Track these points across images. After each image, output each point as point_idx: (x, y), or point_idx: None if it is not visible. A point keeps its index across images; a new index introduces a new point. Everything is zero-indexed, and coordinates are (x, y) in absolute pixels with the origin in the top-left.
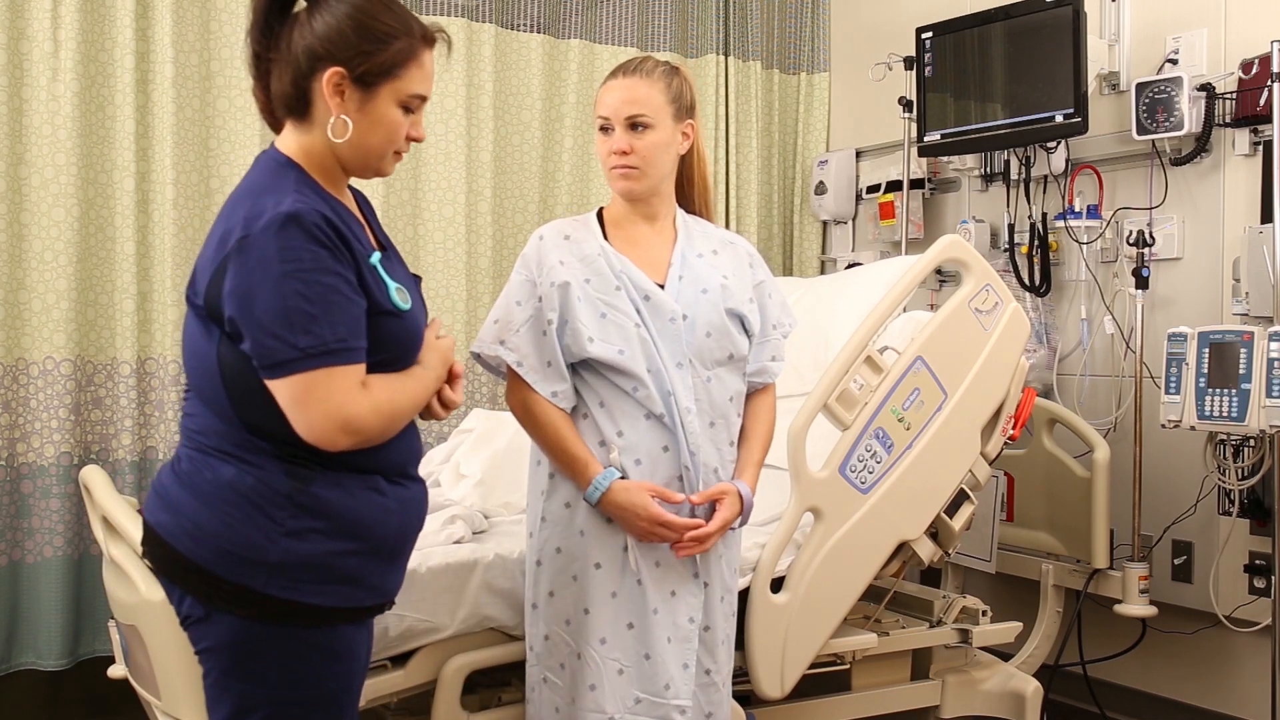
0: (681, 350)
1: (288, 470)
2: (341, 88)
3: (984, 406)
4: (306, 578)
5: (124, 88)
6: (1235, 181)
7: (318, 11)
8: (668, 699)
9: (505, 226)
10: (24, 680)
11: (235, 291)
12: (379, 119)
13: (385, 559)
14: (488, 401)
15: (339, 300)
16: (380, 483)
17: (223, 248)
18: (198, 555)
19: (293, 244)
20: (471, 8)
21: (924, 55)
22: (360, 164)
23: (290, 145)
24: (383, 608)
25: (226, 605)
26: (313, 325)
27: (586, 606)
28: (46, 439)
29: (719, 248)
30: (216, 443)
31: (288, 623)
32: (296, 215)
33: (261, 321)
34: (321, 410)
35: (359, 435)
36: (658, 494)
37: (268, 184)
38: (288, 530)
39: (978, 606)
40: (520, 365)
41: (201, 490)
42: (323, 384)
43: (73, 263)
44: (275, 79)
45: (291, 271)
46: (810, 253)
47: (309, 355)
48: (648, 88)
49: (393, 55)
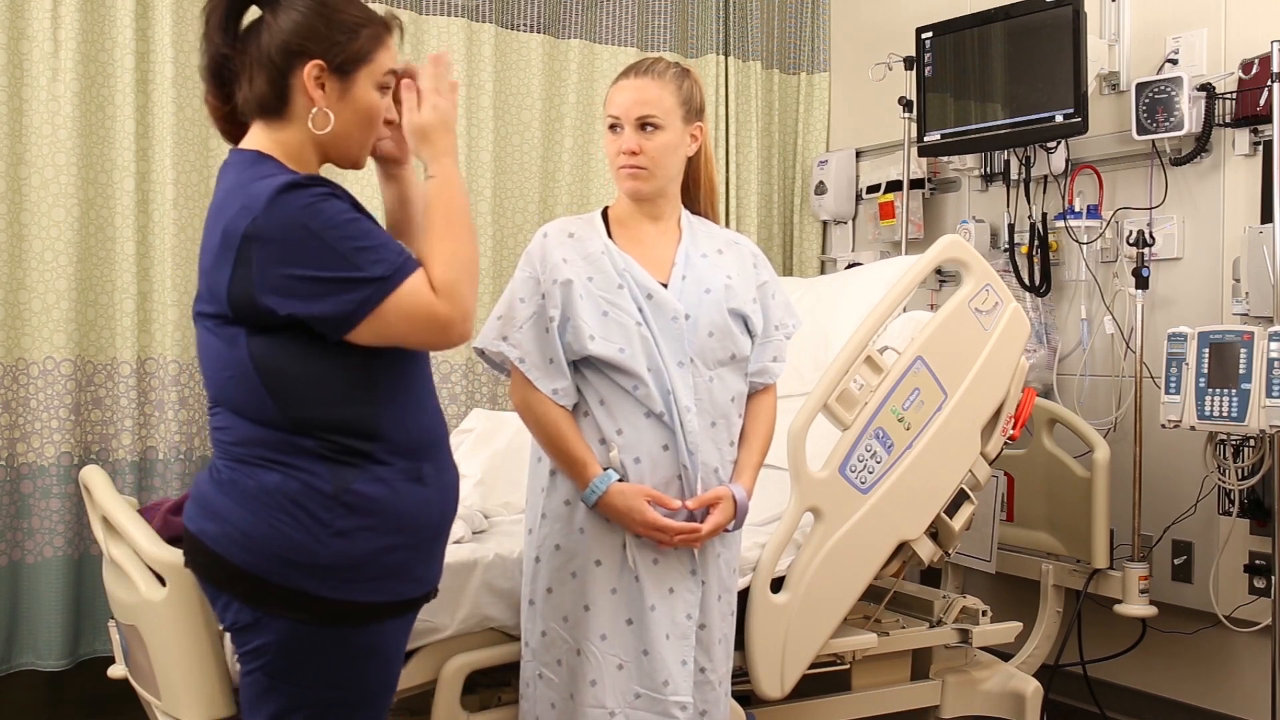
0: (683, 349)
1: (331, 470)
2: (322, 80)
3: (984, 406)
4: (357, 576)
5: (124, 88)
6: (1235, 181)
7: (280, 11)
8: (666, 695)
9: (505, 226)
10: (24, 680)
11: (274, 274)
12: (359, 104)
13: (427, 548)
14: (488, 401)
15: (372, 227)
16: (421, 468)
17: (229, 246)
18: (248, 563)
19: (308, 203)
20: (471, 8)
21: (924, 55)
22: (340, 153)
23: (261, 143)
24: (428, 597)
25: (278, 609)
26: (375, 255)
27: (587, 603)
28: (46, 439)
29: (724, 247)
30: (257, 452)
31: (338, 623)
32: (294, 181)
33: (327, 278)
34: (423, 319)
35: (467, 318)
36: (654, 499)
37: (250, 175)
38: (337, 530)
39: (978, 606)
40: (522, 361)
41: (246, 498)
42: (409, 296)
43: (73, 263)
44: (245, 83)
45: (324, 225)
46: (810, 253)
47: (386, 279)
48: (659, 89)
49: (365, 41)
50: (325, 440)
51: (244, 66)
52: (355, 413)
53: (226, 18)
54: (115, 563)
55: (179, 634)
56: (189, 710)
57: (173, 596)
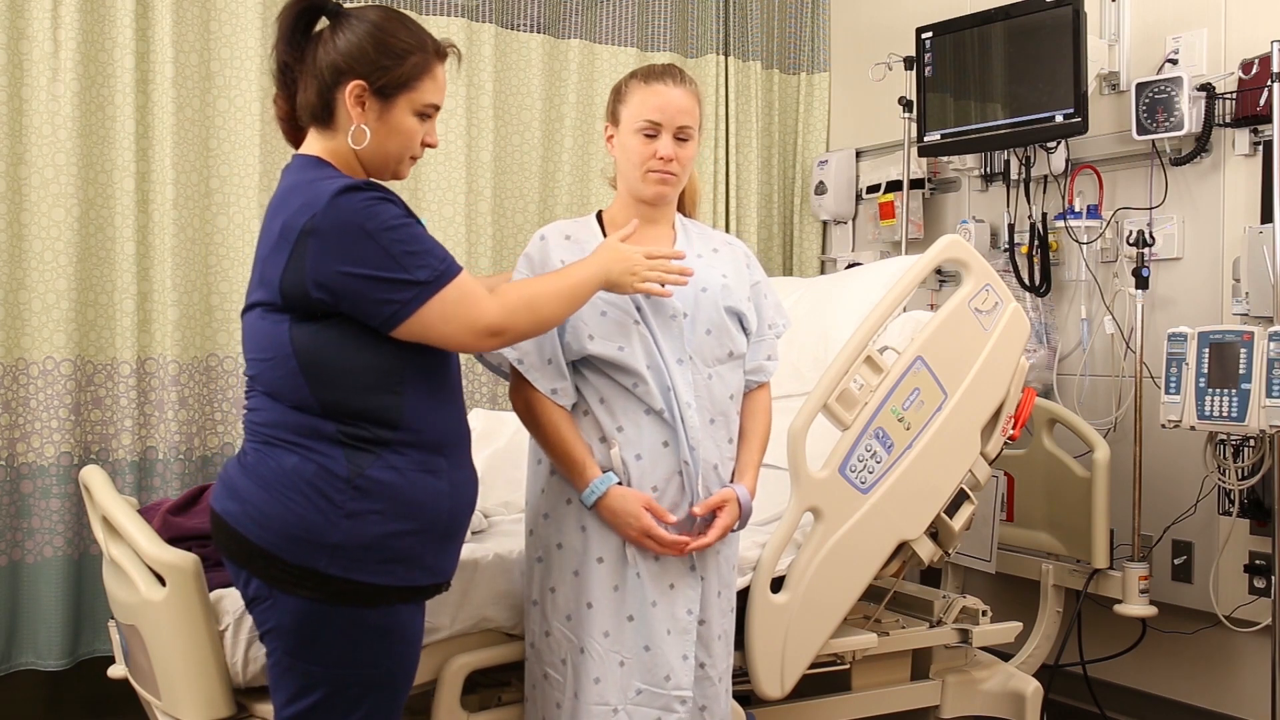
0: (682, 347)
1: (347, 455)
2: (362, 99)
3: (984, 406)
4: (366, 558)
5: (124, 88)
6: (1235, 181)
7: (341, 29)
8: (668, 689)
9: (505, 226)
10: (24, 680)
11: (327, 268)
12: (396, 127)
13: (439, 539)
14: (488, 401)
15: (422, 232)
16: (437, 462)
17: (286, 238)
18: (264, 540)
19: (365, 204)
20: (471, 8)
21: (924, 55)
22: (379, 167)
23: (317, 149)
24: (439, 588)
25: (291, 587)
26: (422, 260)
27: (589, 601)
28: (46, 439)
29: (718, 246)
30: (281, 434)
31: (349, 603)
32: (353, 185)
33: (378, 277)
34: (465, 322)
35: (503, 334)
36: (652, 508)
37: (312, 176)
38: (348, 512)
39: (978, 606)
40: (520, 362)
41: (266, 479)
42: (453, 301)
43: (73, 263)
44: (302, 90)
45: (378, 228)
46: (810, 253)
47: (429, 284)
48: (692, 100)
49: (409, 69)
50: (347, 426)
51: (302, 75)
52: (381, 402)
53: (294, 27)
54: (115, 563)
55: (179, 634)
56: (189, 710)
57: (173, 596)
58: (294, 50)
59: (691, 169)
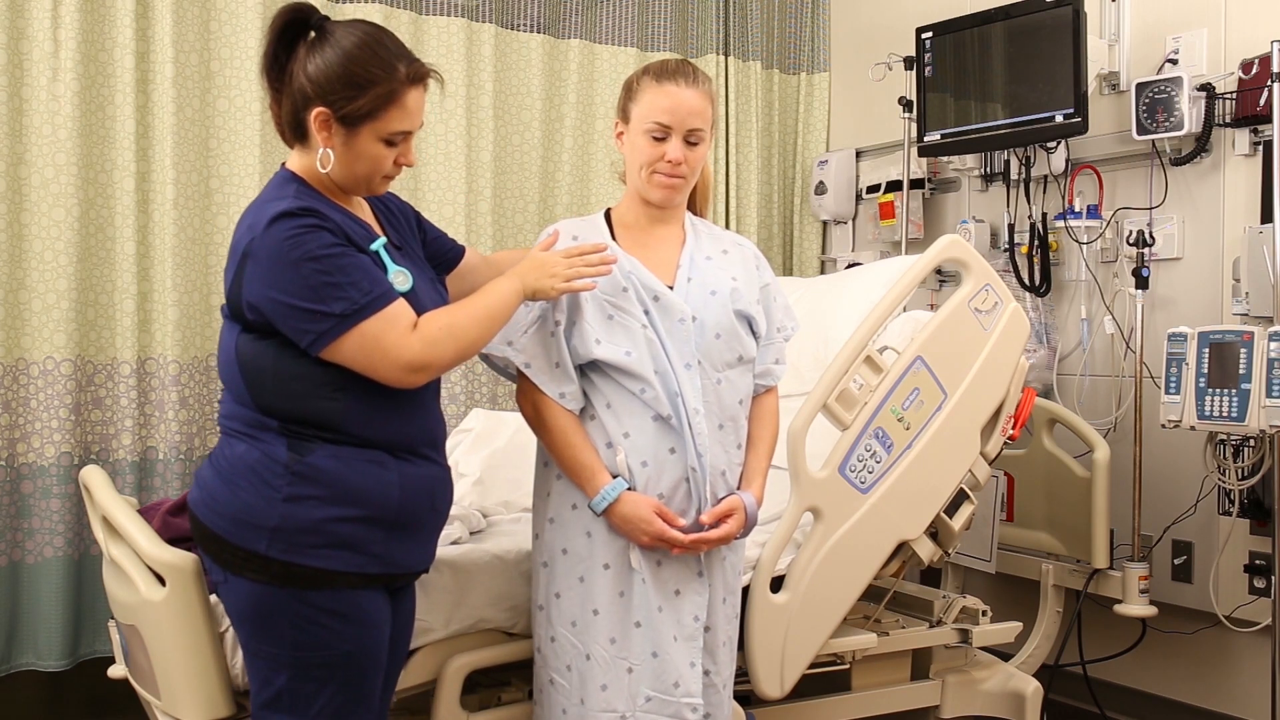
0: (690, 351)
1: (290, 444)
2: (328, 124)
3: (984, 406)
4: (305, 541)
5: (124, 88)
6: (1235, 181)
7: (317, 50)
8: (678, 696)
9: (505, 227)
10: (24, 680)
11: (257, 292)
12: (361, 153)
13: (387, 528)
14: (488, 401)
15: (351, 263)
16: (384, 457)
17: (235, 255)
18: (214, 524)
19: (292, 234)
20: (471, 8)
21: (924, 55)
22: (351, 186)
23: (295, 163)
24: (395, 579)
25: (238, 569)
26: (339, 292)
27: (595, 607)
28: (46, 439)
29: (728, 249)
30: (235, 425)
31: (292, 585)
32: (287, 211)
33: (295, 306)
34: (383, 359)
35: (427, 369)
36: (663, 513)
37: (271, 195)
38: (285, 496)
39: (978, 606)
40: (528, 366)
41: (220, 466)
42: (371, 336)
43: (73, 263)
44: (280, 106)
45: (302, 256)
46: (810, 253)
47: (346, 317)
48: (704, 101)
49: (371, 100)
50: (289, 424)
51: (281, 91)
52: (318, 407)
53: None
54: (115, 563)
55: (179, 634)
56: (189, 710)
57: (173, 596)
58: (275, 67)
59: (702, 169)
